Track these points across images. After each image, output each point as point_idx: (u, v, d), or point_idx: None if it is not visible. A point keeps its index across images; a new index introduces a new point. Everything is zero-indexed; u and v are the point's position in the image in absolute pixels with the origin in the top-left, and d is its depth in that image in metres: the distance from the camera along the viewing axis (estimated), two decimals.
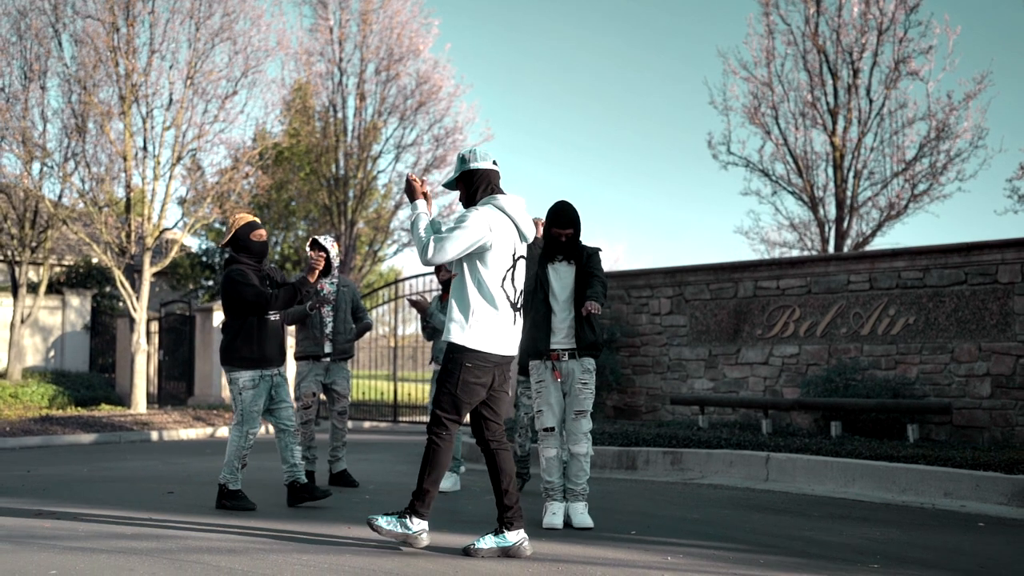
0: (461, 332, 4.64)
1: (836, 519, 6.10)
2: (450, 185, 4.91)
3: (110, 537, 4.97)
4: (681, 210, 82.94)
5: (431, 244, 4.62)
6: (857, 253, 10.64)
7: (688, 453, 8.54)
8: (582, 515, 5.58)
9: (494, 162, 4.86)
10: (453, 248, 4.60)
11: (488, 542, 4.65)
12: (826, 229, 18.38)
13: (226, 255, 6.39)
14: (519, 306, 4.80)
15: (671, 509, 6.46)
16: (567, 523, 5.63)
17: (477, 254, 4.67)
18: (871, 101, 17.86)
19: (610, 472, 8.72)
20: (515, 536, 4.67)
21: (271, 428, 15.91)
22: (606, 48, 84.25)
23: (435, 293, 10.01)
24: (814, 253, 18.68)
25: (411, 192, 4.89)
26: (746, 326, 10.77)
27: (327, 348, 7.56)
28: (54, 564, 4.26)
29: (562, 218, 5.67)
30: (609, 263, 53.45)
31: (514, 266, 4.77)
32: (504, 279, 4.71)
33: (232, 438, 6.22)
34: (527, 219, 4.83)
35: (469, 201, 4.82)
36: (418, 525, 4.69)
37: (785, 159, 18.61)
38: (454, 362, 4.66)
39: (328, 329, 7.55)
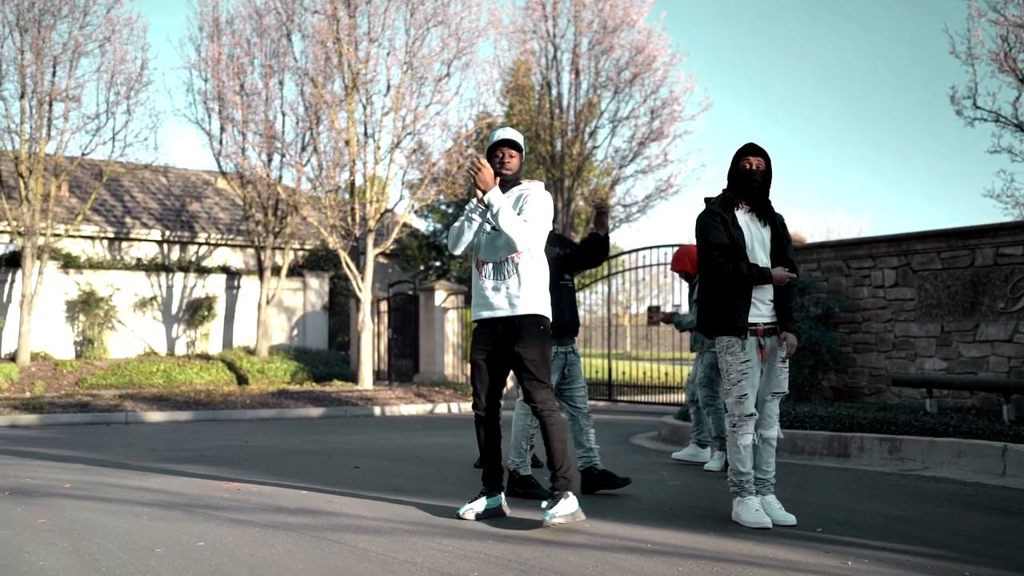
0: (545, 306, 4.89)
1: None
2: (510, 144, 4.93)
3: (272, 511, 5.06)
4: (920, 172, 76.61)
5: (524, 231, 4.74)
6: None
7: (908, 441, 7.66)
8: (782, 510, 5.01)
9: None
10: (543, 232, 4.87)
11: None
12: None
13: None
14: None
15: (874, 504, 5.75)
16: None
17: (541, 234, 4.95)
18: None
19: (818, 459, 7.99)
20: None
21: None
22: (829, 2, 78.85)
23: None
24: None
25: (486, 181, 4.75)
26: (985, 299, 9.51)
27: None
28: (206, 535, 4.36)
29: (751, 148, 5.04)
30: (853, 234, 50.34)
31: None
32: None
33: (517, 416, 5.87)
34: None
35: (513, 177, 4.96)
36: (574, 501, 4.72)
37: None
38: (547, 335, 4.85)
39: None
